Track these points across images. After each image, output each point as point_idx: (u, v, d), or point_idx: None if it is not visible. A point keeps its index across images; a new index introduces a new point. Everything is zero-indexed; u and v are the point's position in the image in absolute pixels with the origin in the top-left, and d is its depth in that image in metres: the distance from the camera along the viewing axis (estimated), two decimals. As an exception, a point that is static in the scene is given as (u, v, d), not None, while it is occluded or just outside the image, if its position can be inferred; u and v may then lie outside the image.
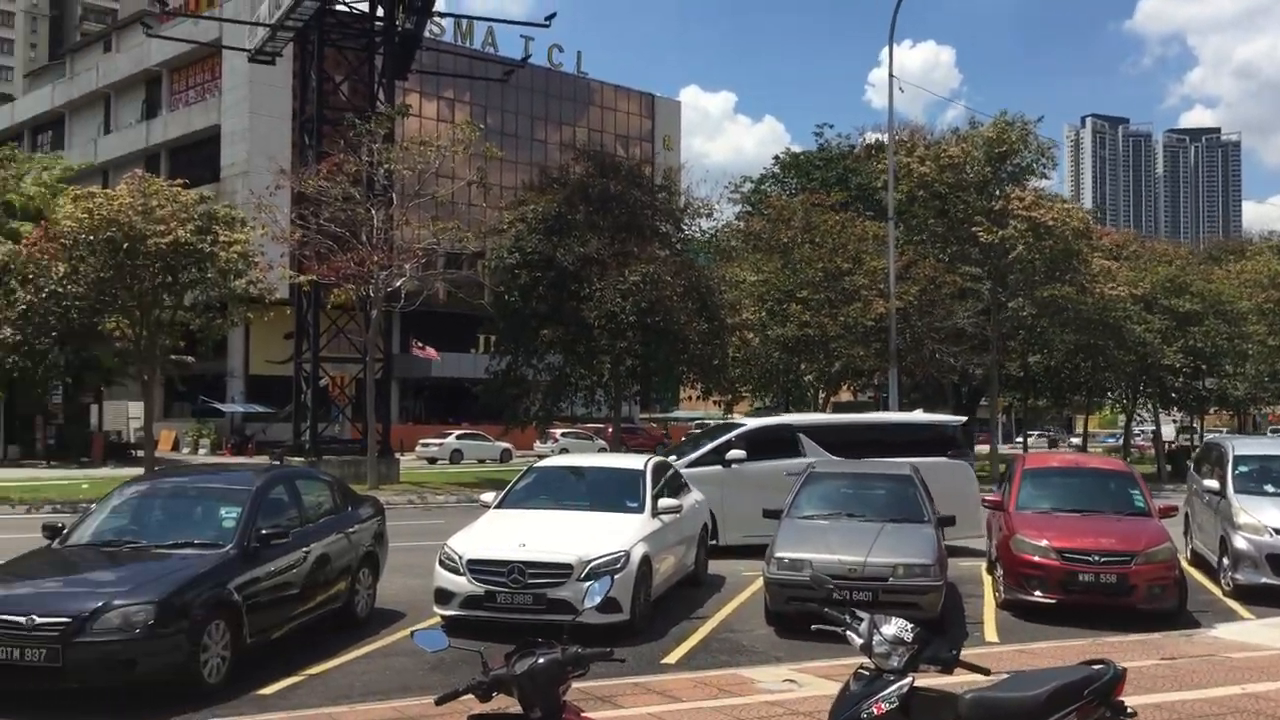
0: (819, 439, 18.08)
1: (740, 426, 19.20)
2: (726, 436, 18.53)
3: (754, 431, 18.67)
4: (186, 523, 9.87)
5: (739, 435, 18.43)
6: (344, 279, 26.78)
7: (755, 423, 19.72)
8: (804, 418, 21.65)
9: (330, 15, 35.30)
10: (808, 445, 17.93)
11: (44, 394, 45.07)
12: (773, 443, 18.18)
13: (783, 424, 19.60)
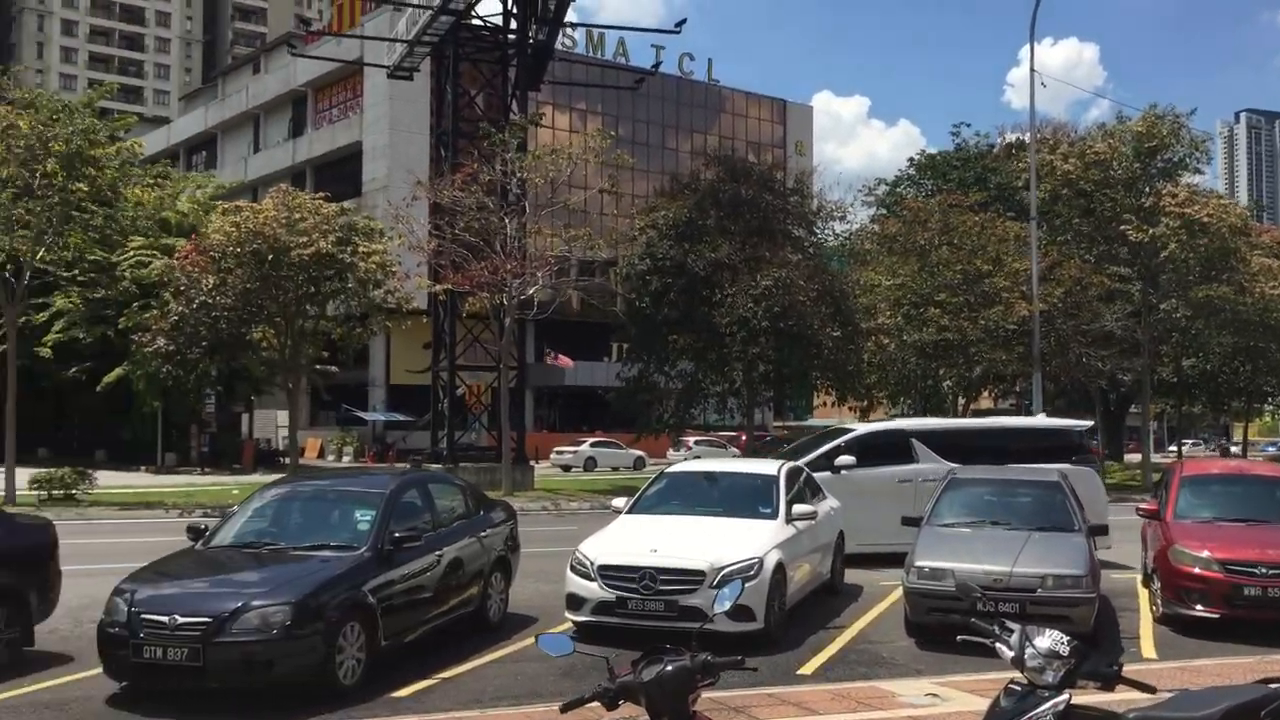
0: (933, 444, 17.48)
1: (850, 431, 18.65)
2: (835, 442, 17.94)
3: (864, 437, 18.11)
4: (323, 525, 10.01)
5: (848, 440, 17.83)
6: (478, 288, 27.15)
7: (865, 428, 19.17)
8: (917, 422, 20.94)
9: (465, 30, 35.96)
10: (921, 451, 17.37)
11: (198, 403, 46.87)
12: (884, 448, 17.60)
13: (895, 429, 18.98)
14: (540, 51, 36.39)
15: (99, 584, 12.63)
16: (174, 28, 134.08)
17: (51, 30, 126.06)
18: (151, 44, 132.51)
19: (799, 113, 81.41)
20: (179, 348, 27.42)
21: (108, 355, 44.98)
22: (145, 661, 8.24)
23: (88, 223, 25.66)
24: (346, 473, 12.86)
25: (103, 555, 17.14)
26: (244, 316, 26.18)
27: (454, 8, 34.12)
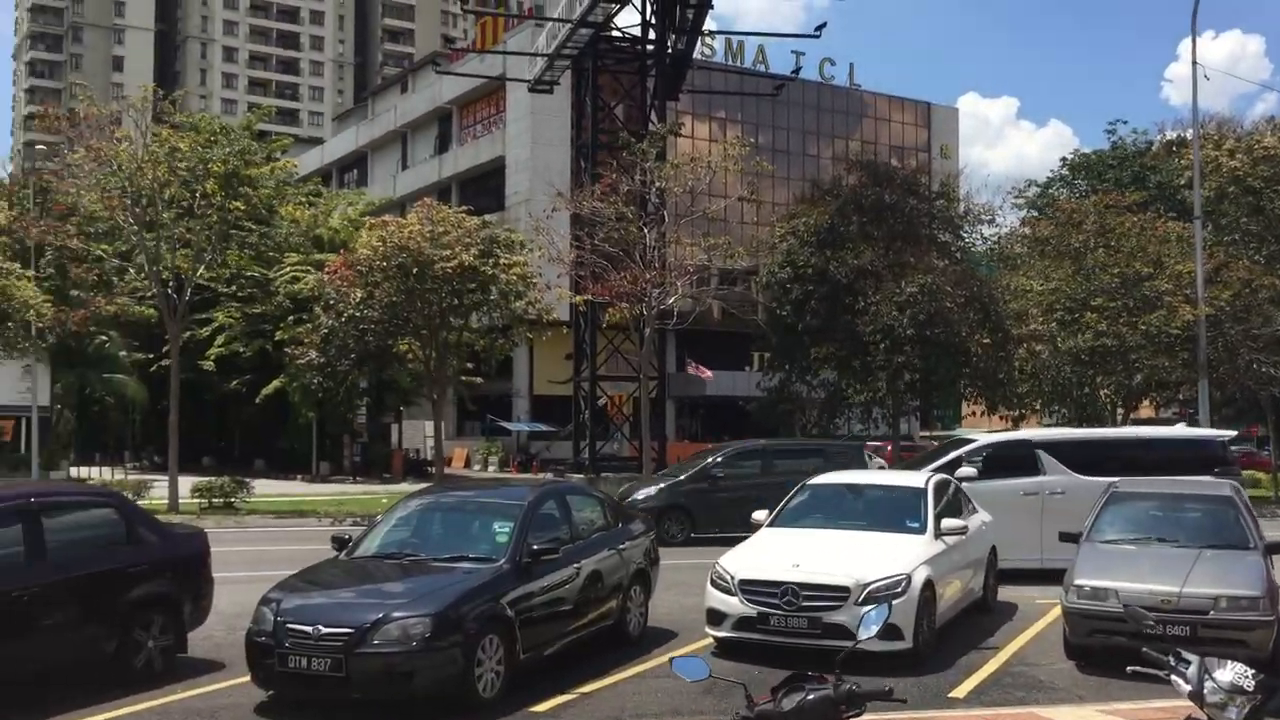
0: (1063, 456, 16.52)
1: (972, 442, 17.81)
2: (957, 453, 17.12)
3: (986, 448, 17.19)
4: (462, 537, 10.01)
5: (970, 451, 16.95)
6: (618, 298, 27.18)
7: (989, 438, 18.27)
8: (1045, 433, 19.83)
9: (604, 41, 36.19)
10: (1048, 463, 16.44)
11: (350, 414, 48.25)
12: (1009, 460, 16.66)
13: (1019, 439, 18.11)
14: (679, 61, 36.39)
15: (251, 591, 12.92)
16: (327, 51, 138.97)
17: (213, 57, 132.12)
18: (306, 68, 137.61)
19: (944, 115, 79.54)
20: (329, 360, 28.24)
21: (266, 368, 46.56)
22: (290, 671, 8.35)
23: (244, 240, 26.66)
24: (487, 483, 12.90)
25: (256, 562, 17.63)
26: (390, 329, 26.79)
27: (593, 20, 34.40)
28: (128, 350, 49.86)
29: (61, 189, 32.28)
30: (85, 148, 24.93)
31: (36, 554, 8.73)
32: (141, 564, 9.62)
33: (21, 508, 8.81)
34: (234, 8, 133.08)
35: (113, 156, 24.37)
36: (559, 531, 10.26)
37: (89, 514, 9.70)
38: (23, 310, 26.56)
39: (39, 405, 44.03)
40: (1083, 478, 15.63)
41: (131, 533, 9.72)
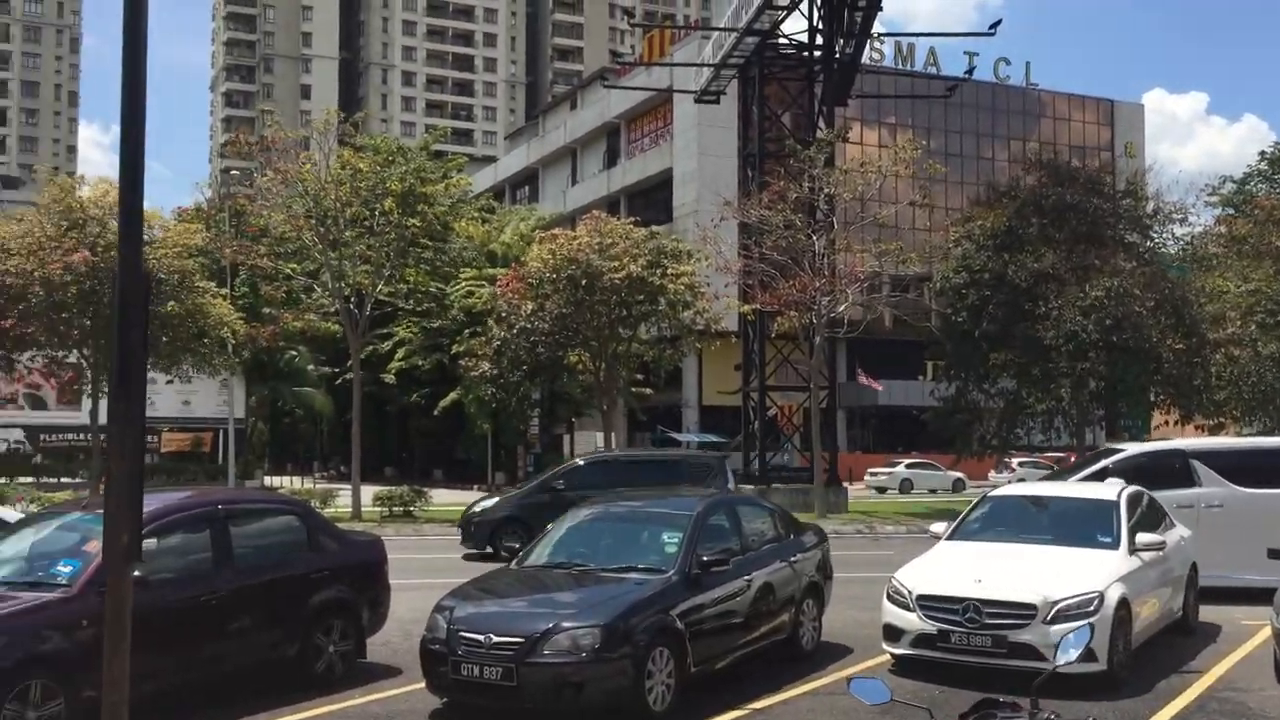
0: (1220, 467, 15.46)
1: (1119, 452, 16.76)
2: (1104, 463, 16.13)
3: (1135, 458, 16.16)
4: (631, 547, 9.91)
5: (1116, 462, 15.94)
6: (787, 306, 26.85)
7: (1137, 448, 17.16)
8: (1199, 442, 18.46)
9: (770, 49, 35.88)
10: (1203, 474, 15.41)
11: (523, 425, 49.19)
12: (1160, 471, 15.52)
13: (1171, 449, 16.84)
14: (847, 66, 35.71)
15: (427, 598, 13.13)
16: (500, 72, 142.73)
17: (393, 83, 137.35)
18: (480, 89, 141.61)
19: (1128, 113, 76.11)
20: (501, 371, 28.80)
21: (444, 381, 47.91)
22: (463, 679, 8.42)
23: (420, 256, 27.46)
24: (655, 494, 12.82)
25: (433, 570, 18.01)
26: (560, 340, 27.16)
27: (759, 28, 34.13)
28: (315, 364, 52.07)
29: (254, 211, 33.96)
30: (273, 170, 26.16)
31: (224, 559, 9.05)
32: (322, 570, 9.88)
33: (210, 514, 9.17)
34: (412, 34, 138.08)
35: (298, 178, 25.49)
36: (729, 543, 10.08)
37: (273, 521, 10.03)
38: (218, 327, 28.00)
39: (235, 417, 46.39)
40: (1242, 490, 14.72)
41: (313, 540, 10.00)
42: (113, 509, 4.67)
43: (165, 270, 25.79)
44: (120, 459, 4.66)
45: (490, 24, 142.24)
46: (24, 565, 8.49)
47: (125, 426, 4.64)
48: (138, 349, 4.74)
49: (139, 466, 4.75)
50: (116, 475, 4.67)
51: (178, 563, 8.91)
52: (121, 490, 4.60)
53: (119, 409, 4.66)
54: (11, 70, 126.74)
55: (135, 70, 5.01)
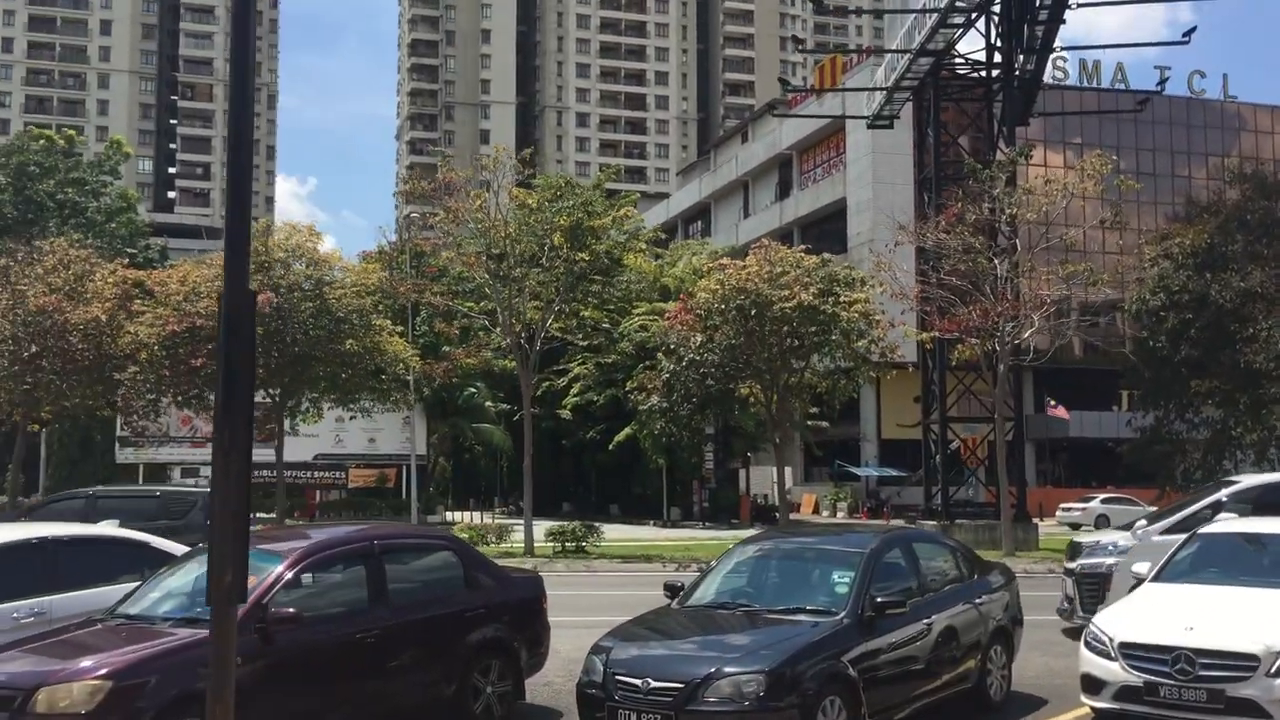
0: None
1: (1236, 483, 15.09)
2: (1215, 496, 14.60)
3: (1253, 490, 14.56)
4: (799, 586, 9.31)
5: (1232, 495, 14.42)
6: (968, 333, 25.64)
7: (1255, 479, 15.40)
8: None
9: (945, 69, 34.78)
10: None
11: (698, 460, 48.81)
12: (1277, 502, 14.00)
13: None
14: (1028, 83, 34.31)
15: (593, 636, 12.81)
16: (671, 109, 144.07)
17: (568, 124, 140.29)
18: (652, 126, 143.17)
19: (1338, 123, 70.97)
20: (671, 404, 28.44)
21: (618, 416, 47.99)
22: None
23: (588, 289, 27.45)
24: (828, 529, 12.15)
25: (601, 607, 17.65)
26: (730, 372, 26.64)
27: (933, 48, 33.12)
28: (494, 401, 53.02)
29: (432, 251, 34.80)
30: (445, 210, 26.66)
31: (379, 597, 8.86)
32: (479, 608, 9.60)
33: (365, 550, 8.99)
34: (586, 76, 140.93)
35: (470, 217, 25.89)
36: (906, 582, 9.34)
37: (429, 557, 9.82)
38: (394, 364, 28.61)
39: (417, 454, 47.52)
40: None
41: (469, 576, 9.74)
42: (217, 544, 4.40)
43: (344, 309, 26.56)
44: (224, 489, 4.37)
45: (662, 62, 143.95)
46: (185, 600, 8.47)
47: (230, 454, 4.35)
48: (244, 370, 4.45)
49: (244, 497, 4.44)
50: (220, 506, 4.38)
51: (333, 599, 8.77)
52: (226, 523, 4.32)
53: (222, 436, 4.38)
54: (215, 128, 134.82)
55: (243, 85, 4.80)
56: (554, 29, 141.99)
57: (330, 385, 27.46)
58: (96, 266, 27.69)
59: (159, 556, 9.90)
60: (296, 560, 8.44)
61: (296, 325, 25.67)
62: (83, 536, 10.23)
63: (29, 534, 9.86)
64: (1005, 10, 33.43)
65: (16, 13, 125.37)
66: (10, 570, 9.31)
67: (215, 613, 4.64)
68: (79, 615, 8.89)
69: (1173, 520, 14.63)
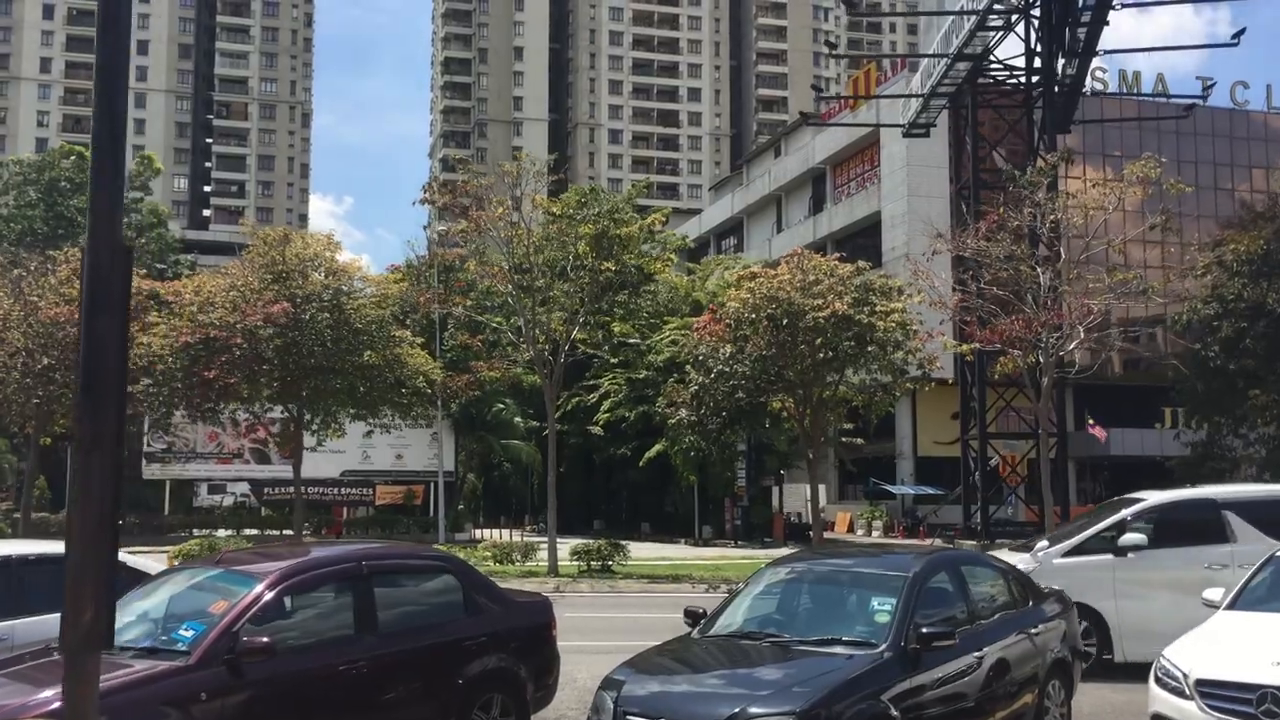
0: (1257, 518, 12.99)
1: (1139, 501, 14.05)
2: (1121, 514, 13.69)
3: (1160, 508, 13.73)
4: (834, 614, 8.34)
5: (1138, 513, 13.56)
6: (1010, 344, 24.50)
7: (1161, 497, 14.35)
8: (1233, 490, 15.18)
9: (983, 75, 33.75)
10: (1239, 528, 12.98)
11: (730, 475, 47.82)
12: (1186, 524, 13.43)
13: (1202, 498, 14.18)
14: (1069, 89, 33.25)
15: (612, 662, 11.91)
16: (704, 126, 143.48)
17: (600, 141, 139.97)
18: (684, 143, 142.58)
19: (1389, 133, 69.10)
20: (700, 418, 27.46)
21: (649, 433, 47.22)
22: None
23: (614, 300, 26.59)
24: (864, 550, 11.15)
25: (624, 630, 16.74)
26: (761, 385, 25.63)
27: (970, 53, 32.13)
28: (523, 417, 52.33)
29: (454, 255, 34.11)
30: (466, 219, 25.89)
31: (366, 624, 7.98)
32: (480, 636, 8.70)
33: (351, 572, 8.10)
34: (618, 93, 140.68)
35: (492, 224, 25.12)
36: (953, 610, 8.36)
37: (425, 580, 8.90)
38: (414, 377, 27.84)
39: (444, 470, 46.84)
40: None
41: (469, 601, 8.83)
42: (75, 569, 3.51)
43: (361, 320, 25.82)
44: (86, 497, 3.44)
45: (694, 79, 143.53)
46: (149, 627, 7.65)
47: (92, 453, 3.42)
48: (113, 344, 3.52)
49: (110, 508, 3.50)
50: (80, 521, 3.48)
51: (314, 627, 7.91)
52: (87, 543, 3.41)
53: (84, 429, 3.44)
54: (250, 146, 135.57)
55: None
56: (586, 46, 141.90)
57: (348, 398, 26.69)
58: (112, 277, 27.11)
59: (135, 576, 9.08)
60: (273, 583, 7.58)
61: (313, 336, 24.95)
62: (51, 555, 9.39)
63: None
64: (1046, 13, 32.40)
65: (55, 33, 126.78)
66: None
67: (70, 661, 3.73)
68: (44, 641, 8.09)
69: (1075, 541, 13.72)
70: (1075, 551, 13.46)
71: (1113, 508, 14.66)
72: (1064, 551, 13.50)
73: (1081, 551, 13.42)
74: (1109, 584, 13.00)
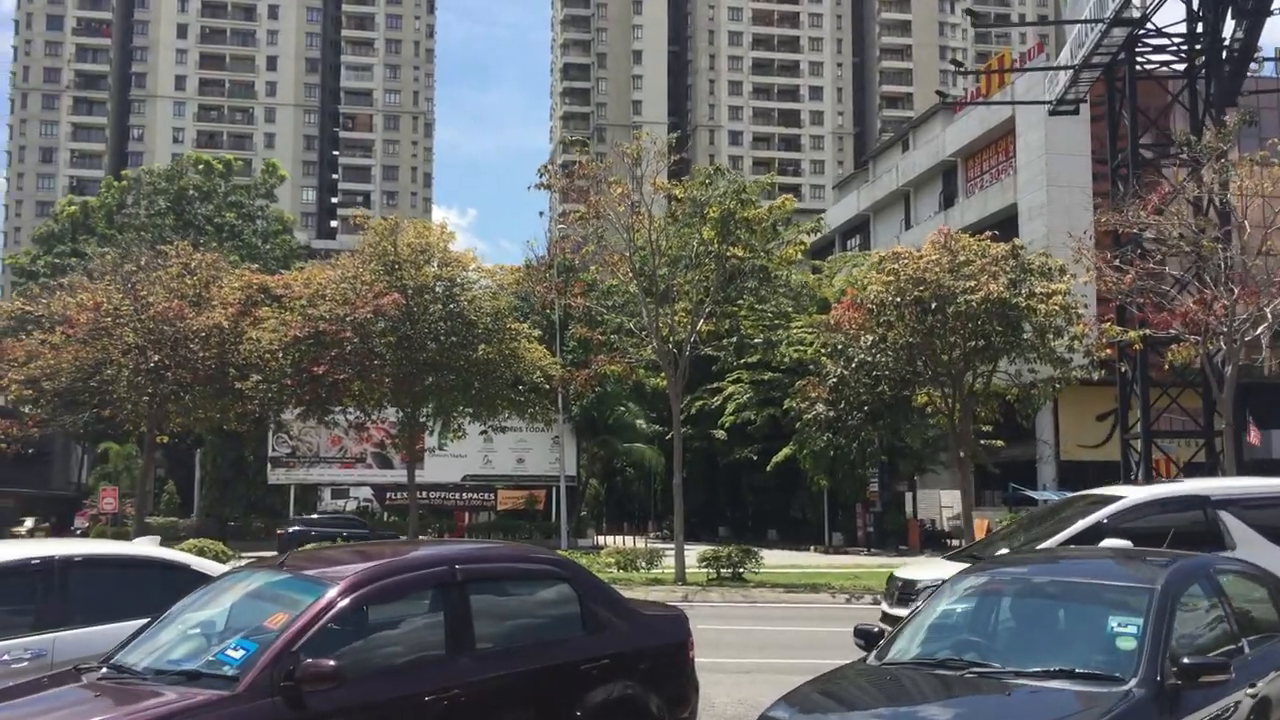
0: (1259, 521, 10.56)
1: (1117, 500, 11.29)
2: (1093, 517, 10.94)
3: (1142, 508, 11.15)
4: (1053, 638, 6.39)
5: (1115, 515, 10.88)
6: (1191, 328, 21.84)
7: (1143, 494, 11.61)
8: (1229, 485, 12.16)
9: (1140, 42, 31.03)
10: (1237, 531, 10.48)
11: (864, 474, 45.70)
12: (1175, 527, 10.68)
13: (1191, 494, 11.40)
14: (1239, 55, 30.33)
15: (759, 685, 10.26)
16: (826, 125, 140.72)
17: (720, 142, 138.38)
18: (806, 143, 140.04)
19: None
20: (839, 414, 25.41)
21: (776, 436, 45.80)
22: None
23: (743, 286, 24.85)
24: (1079, 556, 8.77)
25: (766, 646, 15.02)
26: (905, 377, 23.51)
27: (1128, 16, 29.47)
28: (645, 420, 51.14)
29: (570, 251, 32.78)
30: (586, 204, 24.45)
31: (460, 643, 6.37)
32: (601, 658, 7.03)
33: (442, 578, 6.50)
34: (738, 94, 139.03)
35: (610, 208, 23.60)
36: (1216, 633, 6.42)
37: (534, 589, 7.26)
38: (532, 372, 26.51)
39: (566, 474, 45.74)
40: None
41: (589, 614, 7.16)
42: None
43: (475, 312, 24.55)
44: None
45: (816, 77, 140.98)
46: (197, 644, 6.23)
47: None
48: None
49: None
50: None
51: (394, 647, 6.35)
52: None
53: None
54: (374, 157, 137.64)
55: None
56: (705, 47, 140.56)
57: (463, 396, 25.40)
58: (223, 272, 26.45)
59: (198, 581, 7.70)
60: (345, 591, 6.04)
61: (426, 330, 23.75)
62: (100, 557, 8.09)
63: (29, 553, 7.77)
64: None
65: (189, 51, 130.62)
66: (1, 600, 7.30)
67: None
68: (88, 658, 6.73)
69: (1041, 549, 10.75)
70: None
71: (1086, 508, 11.74)
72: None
73: None
74: None
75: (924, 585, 11.33)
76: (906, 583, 12.18)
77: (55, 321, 25.01)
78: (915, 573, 12.57)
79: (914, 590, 11.64)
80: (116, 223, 58.38)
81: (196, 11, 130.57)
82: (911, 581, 12.13)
